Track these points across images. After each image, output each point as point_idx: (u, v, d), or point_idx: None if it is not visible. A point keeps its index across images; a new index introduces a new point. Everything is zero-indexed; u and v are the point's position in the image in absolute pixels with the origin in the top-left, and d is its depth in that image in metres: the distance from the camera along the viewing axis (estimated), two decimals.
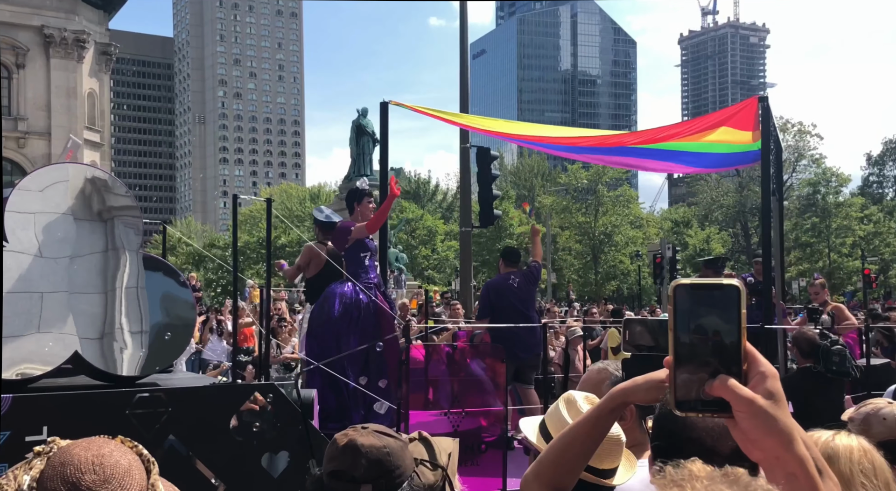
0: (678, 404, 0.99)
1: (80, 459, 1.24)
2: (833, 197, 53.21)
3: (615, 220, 52.87)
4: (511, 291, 7.71)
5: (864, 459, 1.93)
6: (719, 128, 8.11)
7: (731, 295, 0.97)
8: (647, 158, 9.36)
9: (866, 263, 43.01)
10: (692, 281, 1.00)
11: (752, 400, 0.95)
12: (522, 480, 1.75)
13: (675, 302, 0.99)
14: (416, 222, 50.93)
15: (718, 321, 0.98)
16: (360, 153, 27.15)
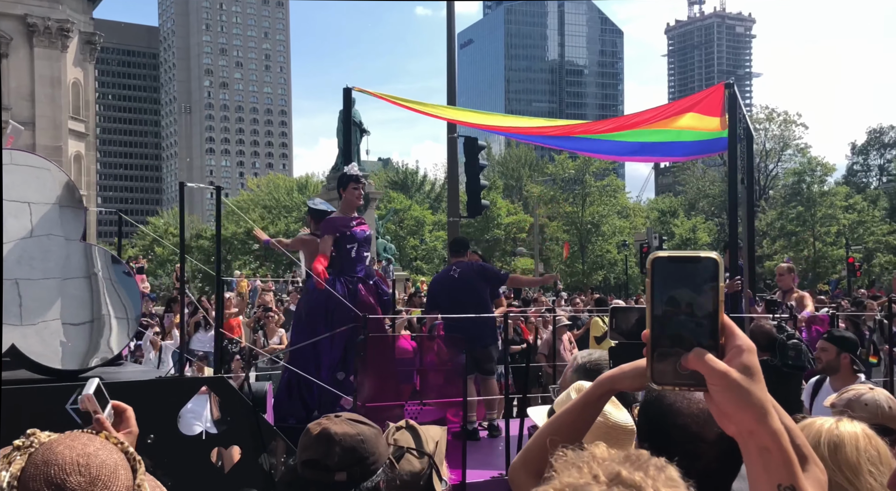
0: (654, 377, 0.99)
1: (64, 459, 1.18)
2: (818, 186, 53.55)
3: (602, 210, 53.03)
4: (450, 281, 7.43)
5: (870, 445, 1.90)
6: (687, 114, 8.02)
7: (709, 267, 0.97)
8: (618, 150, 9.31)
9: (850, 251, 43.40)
10: (670, 253, 0.99)
11: (725, 373, 0.95)
12: (511, 467, 1.76)
13: (653, 274, 0.99)
14: (404, 213, 50.91)
15: (695, 294, 0.97)
16: (347, 143, 27.05)
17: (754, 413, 0.95)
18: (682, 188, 64.53)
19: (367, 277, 6.54)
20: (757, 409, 0.95)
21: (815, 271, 50.74)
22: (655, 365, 0.98)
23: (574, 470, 0.88)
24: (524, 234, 51.16)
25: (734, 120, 7.45)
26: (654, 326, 0.98)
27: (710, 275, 0.97)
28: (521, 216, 52.94)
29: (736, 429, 0.97)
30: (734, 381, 0.95)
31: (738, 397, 0.95)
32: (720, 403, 0.96)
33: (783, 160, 58.70)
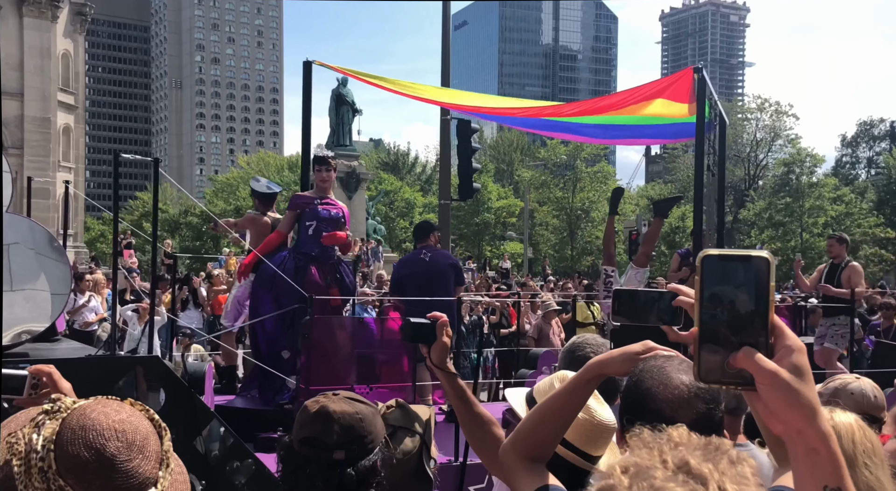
0: (701, 375, 0.99)
1: (101, 424, 1.19)
2: (807, 177, 53.82)
3: (592, 195, 53.10)
4: (421, 265, 7.28)
5: (865, 437, 1.92)
6: (656, 99, 7.90)
7: (760, 266, 0.97)
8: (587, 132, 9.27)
9: None
10: (720, 252, 0.99)
11: (775, 373, 0.95)
12: (501, 449, 1.78)
13: (703, 273, 0.99)
14: (394, 194, 50.81)
15: (745, 293, 0.97)
16: (339, 122, 27.00)
17: (803, 413, 0.95)
18: (672, 177, 64.71)
19: (325, 257, 6.36)
20: (806, 409, 0.95)
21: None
22: (703, 362, 0.99)
23: (645, 450, 0.87)
24: (514, 219, 51.19)
25: (702, 106, 7.31)
26: (702, 323, 0.98)
27: (760, 274, 0.97)
28: (511, 200, 52.96)
29: (784, 429, 0.96)
30: (784, 381, 0.95)
31: (788, 397, 0.95)
32: (769, 403, 0.96)
33: (773, 150, 58.91)
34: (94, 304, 10.98)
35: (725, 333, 0.98)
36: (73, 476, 1.15)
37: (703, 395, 1.61)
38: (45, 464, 1.15)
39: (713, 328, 0.98)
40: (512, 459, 1.70)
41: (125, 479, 1.16)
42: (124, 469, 1.17)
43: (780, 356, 0.97)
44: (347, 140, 27.48)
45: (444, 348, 2.09)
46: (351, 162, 26.75)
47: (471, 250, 51.99)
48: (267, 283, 6.22)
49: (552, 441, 1.74)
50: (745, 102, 67.87)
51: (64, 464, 1.15)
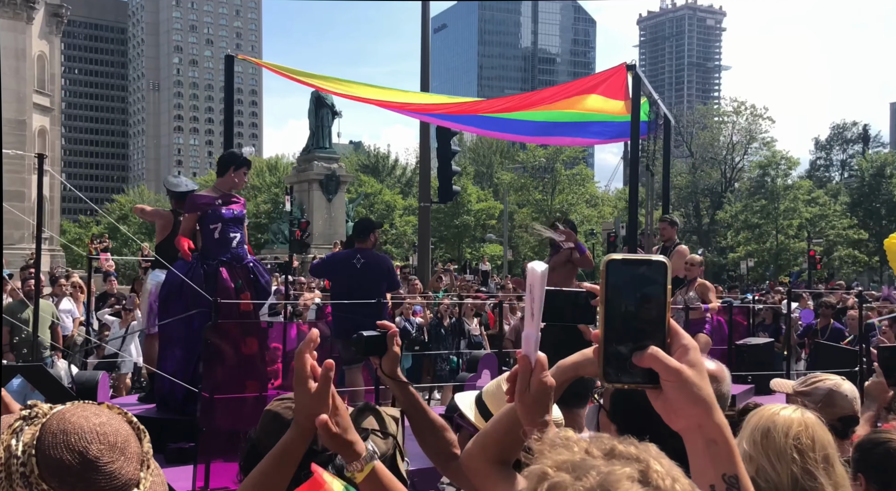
0: (606, 376, 1.03)
1: (82, 428, 1.20)
2: (782, 180, 54.48)
3: (571, 198, 53.41)
4: (350, 270, 7.06)
5: (804, 433, 1.95)
6: (590, 95, 7.77)
7: (659, 270, 1.02)
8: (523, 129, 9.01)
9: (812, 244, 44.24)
10: (623, 256, 1.04)
11: (679, 370, 1.00)
12: (464, 454, 1.75)
13: (607, 276, 1.02)
14: (374, 197, 50.78)
15: (646, 295, 1.02)
16: (318, 125, 26.98)
17: (705, 408, 1.00)
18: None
19: (235, 259, 6.12)
20: (706, 403, 1.00)
21: (777, 263, 51.72)
22: (607, 364, 1.02)
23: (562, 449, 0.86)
24: (494, 221, 51.36)
25: (637, 105, 7.22)
26: (606, 325, 1.02)
27: (659, 277, 1.01)
28: (491, 203, 53.12)
29: (685, 424, 1.01)
30: (688, 377, 1.00)
31: (692, 393, 1.00)
32: (673, 400, 1.00)
33: (749, 153, 59.57)
34: (70, 307, 10.91)
35: (628, 334, 1.01)
36: (56, 480, 1.15)
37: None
38: (26, 469, 1.15)
39: (617, 330, 1.01)
40: (481, 463, 1.68)
41: (108, 480, 1.18)
42: (107, 471, 1.18)
43: (679, 354, 1.01)
44: (327, 142, 27.45)
45: (396, 358, 2.09)
46: (331, 164, 26.73)
47: (451, 252, 52.08)
48: (176, 290, 5.97)
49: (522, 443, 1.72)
50: (721, 106, 68.57)
51: (47, 468, 1.16)
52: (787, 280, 39.31)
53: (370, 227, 7.50)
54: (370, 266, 7.08)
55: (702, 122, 62.70)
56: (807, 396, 2.95)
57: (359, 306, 6.43)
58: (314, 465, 1.53)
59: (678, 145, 72.68)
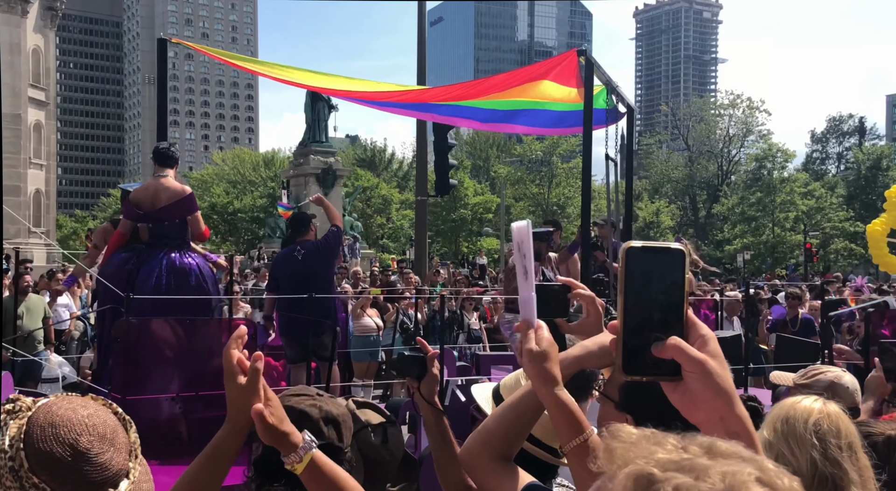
0: (626, 368, 0.98)
1: (70, 420, 1.19)
2: (778, 172, 54.52)
3: (568, 191, 53.39)
4: (294, 264, 6.99)
5: (825, 421, 1.95)
6: (542, 81, 7.50)
7: (678, 258, 0.97)
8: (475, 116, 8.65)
9: (808, 237, 44.36)
10: (644, 243, 0.99)
11: (703, 361, 0.96)
12: (465, 449, 1.70)
13: (627, 264, 0.97)
14: (371, 191, 50.74)
15: (666, 284, 0.97)
16: (315, 119, 26.91)
17: (727, 399, 0.96)
18: (646, 173, 65.21)
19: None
20: (729, 395, 0.97)
21: (774, 256, 51.82)
22: (627, 355, 0.98)
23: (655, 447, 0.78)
24: (491, 215, 51.35)
25: (589, 93, 6.86)
26: (626, 315, 0.97)
27: (678, 265, 0.97)
28: (488, 197, 53.11)
29: (705, 416, 0.97)
30: (712, 368, 0.96)
31: (715, 384, 0.96)
32: (697, 392, 0.96)
33: (746, 146, 59.63)
34: (66, 302, 10.90)
35: (648, 325, 0.96)
36: (47, 472, 1.14)
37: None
38: (15, 463, 1.14)
39: (636, 320, 0.97)
40: (485, 460, 1.64)
41: (100, 471, 1.17)
42: (98, 462, 1.17)
43: (699, 345, 0.97)
44: (324, 136, 27.41)
45: (435, 381, 2.02)
46: (327, 158, 26.70)
47: (448, 246, 52.11)
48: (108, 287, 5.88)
49: (524, 439, 1.71)
50: (717, 98, 68.56)
51: (37, 461, 1.15)
52: (783, 273, 39.41)
53: (307, 220, 7.41)
54: (311, 253, 6.98)
55: (698, 114, 62.71)
56: (808, 389, 2.96)
57: (306, 302, 6.22)
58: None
59: (675, 138, 72.78)
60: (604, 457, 0.80)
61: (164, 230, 6.06)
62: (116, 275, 5.87)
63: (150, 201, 6.05)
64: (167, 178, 6.17)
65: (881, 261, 7.27)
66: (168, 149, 6.30)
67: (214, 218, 52.98)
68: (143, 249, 6.04)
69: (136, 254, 6.02)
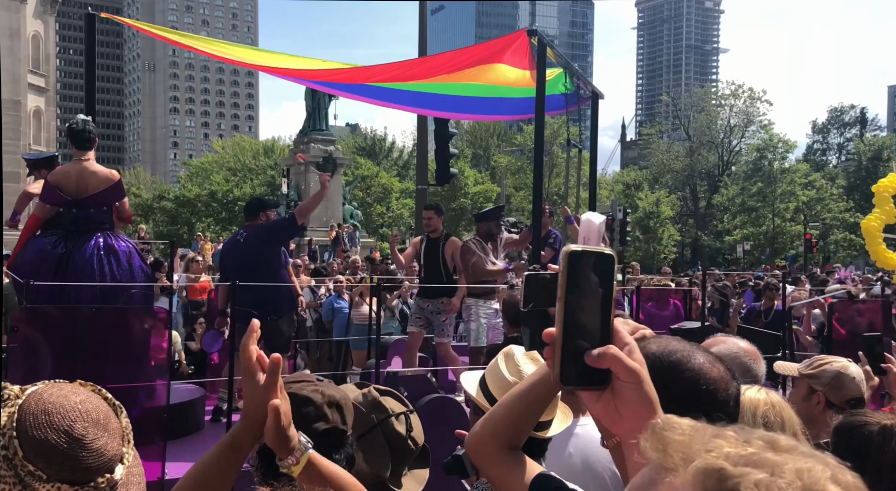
0: (563, 379, 0.93)
1: (64, 406, 1.19)
2: (779, 163, 54.48)
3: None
4: (236, 248, 6.76)
5: (771, 412, 1.95)
6: (493, 64, 7.06)
7: (610, 263, 0.94)
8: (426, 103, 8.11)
9: (808, 228, 44.34)
10: (583, 247, 0.94)
11: (638, 369, 0.94)
12: (472, 436, 1.67)
13: (569, 269, 0.92)
14: (371, 179, 50.69)
15: (599, 291, 0.93)
16: (315, 107, 26.84)
17: (655, 408, 0.95)
18: (647, 162, 65.13)
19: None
20: (656, 403, 0.95)
21: (773, 247, 51.83)
22: (564, 364, 0.93)
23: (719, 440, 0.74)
24: (491, 204, 51.35)
25: (542, 76, 6.52)
26: (566, 322, 0.92)
27: (610, 271, 0.93)
28: (488, 186, 53.08)
29: (631, 426, 0.93)
30: (645, 376, 0.94)
31: (645, 393, 0.94)
32: (628, 401, 0.93)
33: (746, 136, 59.54)
34: None
35: (581, 333, 0.92)
36: (42, 460, 1.14)
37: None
38: (9, 452, 1.14)
39: (574, 328, 0.92)
40: (493, 448, 1.61)
41: (96, 457, 1.18)
42: (94, 448, 1.18)
43: (626, 353, 0.95)
44: (324, 124, 27.36)
45: None
46: (328, 146, 26.66)
47: None
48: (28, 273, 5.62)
49: (532, 427, 1.70)
50: (718, 88, 68.39)
51: (31, 449, 1.14)
52: (783, 263, 39.44)
53: (259, 207, 7.09)
54: (252, 237, 6.67)
55: (699, 104, 62.58)
56: (814, 379, 2.94)
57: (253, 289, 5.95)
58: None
59: (675, 128, 72.63)
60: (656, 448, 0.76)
61: (91, 215, 5.83)
62: (41, 259, 5.62)
63: (75, 187, 5.79)
64: (90, 162, 5.90)
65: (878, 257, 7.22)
66: (84, 128, 5.95)
67: (214, 205, 52.95)
68: (68, 234, 5.77)
69: (61, 238, 5.74)
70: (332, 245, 20.52)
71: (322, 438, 1.80)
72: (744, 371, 2.40)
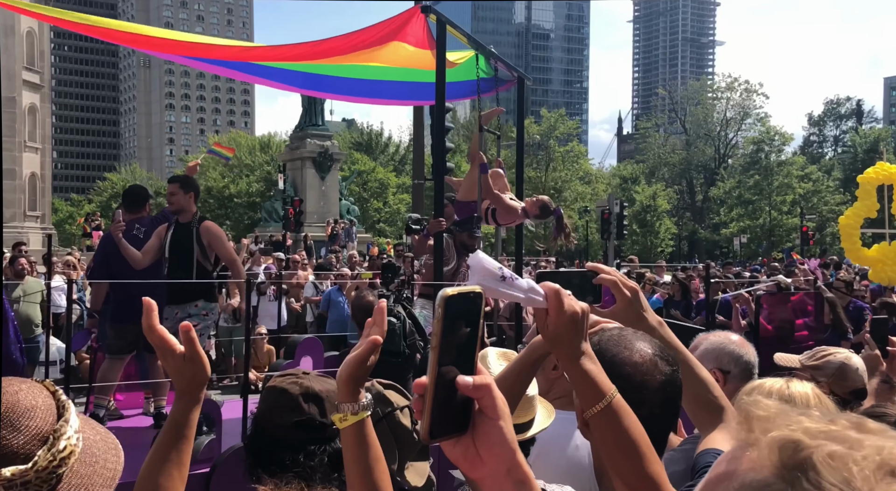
0: (432, 432, 0.86)
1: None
2: (776, 155, 54.53)
3: (565, 175, 53.35)
4: (137, 243, 6.00)
5: (820, 405, 1.96)
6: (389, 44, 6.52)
7: (479, 301, 0.89)
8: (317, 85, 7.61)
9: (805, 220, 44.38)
10: (458, 290, 0.88)
11: (503, 403, 0.90)
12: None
13: (445, 316, 0.86)
14: (367, 174, 50.63)
15: (468, 331, 0.88)
16: (311, 102, 26.79)
17: (514, 447, 0.90)
18: (644, 156, 65.13)
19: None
20: (515, 442, 0.91)
21: (770, 240, 51.91)
22: (434, 415, 0.85)
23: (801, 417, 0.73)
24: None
25: (441, 58, 6.03)
26: (440, 373, 0.85)
27: (478, 309, 0.89)
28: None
29: (492, 468, 0.89)
30: (507, 411, 0.90)
31: (509, 430, 0.90)
32: (489, 442, 0.89)
33: (743, 129, 59.56)
34: (62, 285, 10.88)
35: (451, 376, 0.86)
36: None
37: (665, 357, 1.59)
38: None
39: (448, 375, 0.86)
40: None
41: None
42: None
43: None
44: (320, 120, 27.31)
45: None
46: (324, 142, 26.62)
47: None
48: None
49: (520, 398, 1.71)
50: (714, 81, 68.38)
51: None
52: (779, 256, 39.47)
53: (144, 197, 6.65)
54: (151, 232, 6.11)
55: (696, 98, 62.57)
56: (818, 371, 2.96)
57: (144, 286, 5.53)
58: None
59: (672, 121, 72.62)
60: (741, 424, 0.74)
61: None
62: None
63: None
64: None
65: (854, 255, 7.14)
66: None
67: (210, 202, 52.85)
68: None
69: None
70: (329, 240, 20.51)
71: (296, 431, 1.83)
72: (734, 359, 2.58)
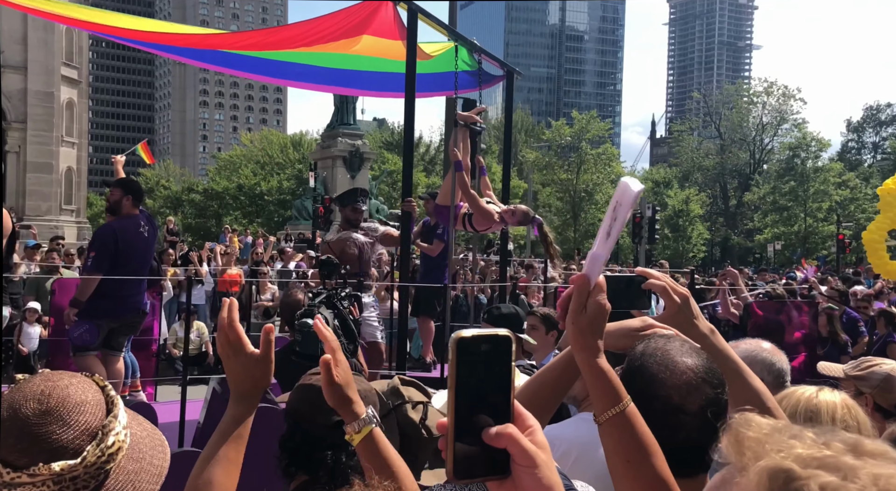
0: (457, 472, 0.88)
1: (31, 388, 1.22)
2: (812, 162, 53.65)
3: (596, 178, 52.98)
4: (145, 243, 6.18)
5: (848, 415, 1.92)
6: (362, 36, 6.31)
7: (506, 345, 0.89)
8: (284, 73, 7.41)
9: (841, 228, 43.57)
10: (473, 333, 0.88)
11: (534, 453, 0.89)
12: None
13: (458, 359, 0.87)
14: (397, 174, 50.72)
15: (495, 376, 0.89)
16: (343, 102, 26.88)
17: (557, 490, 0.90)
18: (677, 160, 64.47)
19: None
20: (557, 485, 0.90)
21: (805, 247, 51.05)
22: (458, 455, 0.87)
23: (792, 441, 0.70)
24: (517, 200, 51.12)
25: (412, 51, 5.81)
26: (458, 412, 0.87)
27: (506, 353, 0.89)
28: (515, 182, 52.86)
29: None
30: (544, 460, 0.89)
31: (545, 476, 0.89)
32: (526, 487, 0.88)
33: (779, 134, 58.68)
34: None
35: (479, 420, 0.88)
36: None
37: (710, 379, 1.53)
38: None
39: (467, 417, 0.87)
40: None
41: (31, 441, 1.18)
42: (34, 433, 1.18)
43: (528, 435, 0.91)
44: (351, 119, 27.40)
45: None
46: (355, 141, 26.67)
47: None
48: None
49: (544, 415, 1.68)
50: (751, 86, 67.47)
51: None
52: (815, 263, 38.80)
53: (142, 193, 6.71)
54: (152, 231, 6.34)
55: (731, 102, 61.80)
56: (862, 381, 2.89)
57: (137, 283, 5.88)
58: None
59: (706, 125, 71.77)
60: (731, 446, 0.71)
61: None
62: None
63: None
64: None
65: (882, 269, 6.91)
66: None
67: (242, 199, 53.30)
68: None
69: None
70: None
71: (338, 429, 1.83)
72: (766, 367, 2.59)
